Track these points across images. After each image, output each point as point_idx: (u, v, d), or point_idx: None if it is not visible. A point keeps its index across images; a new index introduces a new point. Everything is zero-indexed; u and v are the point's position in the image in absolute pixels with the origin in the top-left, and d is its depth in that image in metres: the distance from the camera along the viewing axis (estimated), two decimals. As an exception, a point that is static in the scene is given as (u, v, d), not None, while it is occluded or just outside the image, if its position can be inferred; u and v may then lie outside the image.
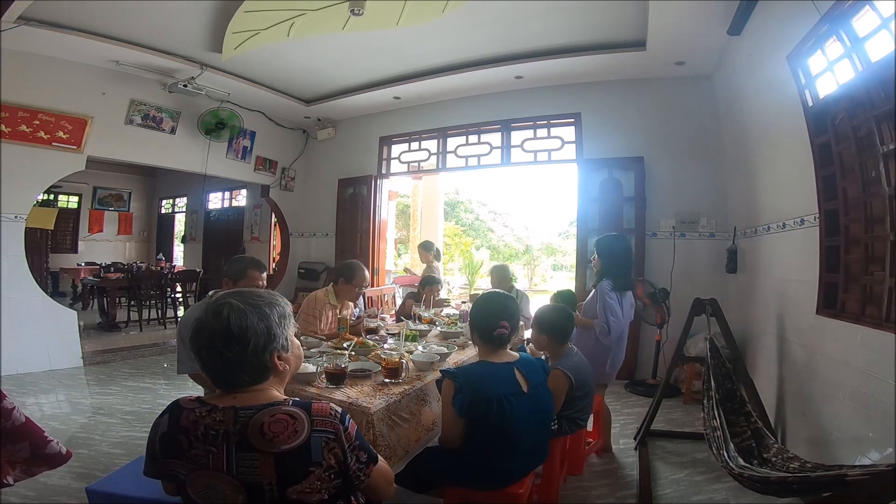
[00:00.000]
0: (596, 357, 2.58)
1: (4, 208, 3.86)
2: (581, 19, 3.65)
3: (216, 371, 0.97)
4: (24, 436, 1.34)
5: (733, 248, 3.77)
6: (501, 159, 5.08)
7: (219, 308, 0.96)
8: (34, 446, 1.35)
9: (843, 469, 1.32)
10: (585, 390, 2.13)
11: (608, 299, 2.57)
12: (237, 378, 0.98)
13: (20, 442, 1.33)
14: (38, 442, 1.37)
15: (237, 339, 0.94)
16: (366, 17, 3.33)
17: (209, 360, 0.96)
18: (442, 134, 5.44)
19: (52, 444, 1.40)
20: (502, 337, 1.69)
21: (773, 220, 2.93)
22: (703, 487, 2.32)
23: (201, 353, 0.96)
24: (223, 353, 0.94)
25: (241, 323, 0.95)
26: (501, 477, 1.61)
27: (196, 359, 0.98)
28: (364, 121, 5.89)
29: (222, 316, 0.95)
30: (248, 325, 0.95)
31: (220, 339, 0.94)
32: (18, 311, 3.87)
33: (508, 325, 1.69)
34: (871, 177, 1.94)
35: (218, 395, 1.00)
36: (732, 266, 3.76)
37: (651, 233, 4.28)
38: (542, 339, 2.18)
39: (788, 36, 2.42)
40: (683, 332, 2.88)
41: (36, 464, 1.37)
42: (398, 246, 10.93)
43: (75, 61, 4.18)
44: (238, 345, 0.94)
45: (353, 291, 2.84)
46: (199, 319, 0.97)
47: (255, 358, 0.97)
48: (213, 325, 0.95)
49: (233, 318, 0.94)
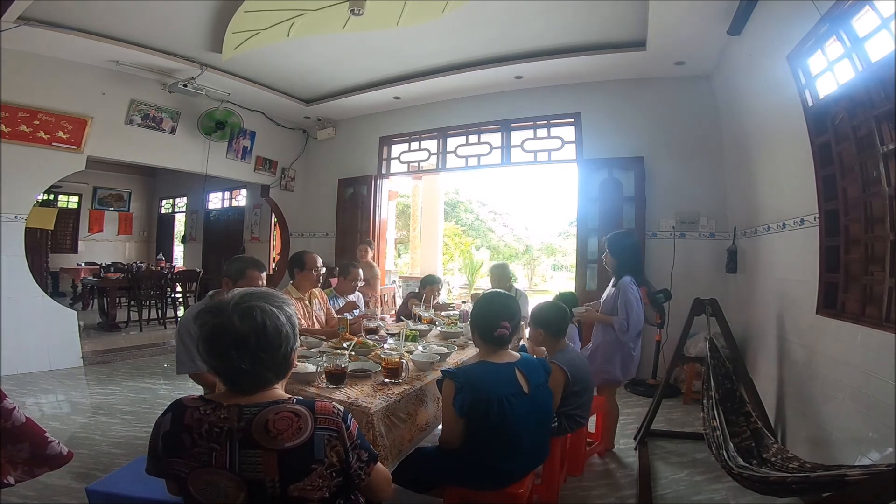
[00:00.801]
0: (611, 354, 2.59)
1: (4, 208, 3.86)
2: (581, 19, 3.65)
3: (243, 373, 0.95)
4: (24, 436, 1.34)
5: (733, 248, 3.77)
6: (501, 159, 5.08)
7: (248, 310, 0.95)
8: (34, 447, 1.35)
9: (842, 469, 1.32)
10: (583, 385, 2.13)
11: (630, 295, 2.55)
12: (264, 378, 0.98)
13: (20, 442, 1.33)
14: (39, 442, 1.37)
15: (272, 341, 0.96)
16: (366, 17, 3.33)
17: (239, 362, 0.93)
18: (442, 134, 5.44)
19: (53, 444, 1.39)
20: (503, 337, 1.69)
21: (773, 220, 2.93)
22: (703, 487, 2.32)
23: (229, 356, 0.93)
24: (258, 354, 0.94)
25: (275, 324, 0.97)
26: (501, 477, 1.61)
27: (217, 362, 0.95)
28: (364, 121, 5.89)
29: (256, 318, 0.95)
30: (279, 326, 0.97)
31: (254, 341, 0.94)
32: (18, 311, 3.87)
33: (509, 326, 1.69)
34: (871, 177, 1.94)
35: (222, 392, 1.00)
36: (732, 266, 3.76)
37: (651, 233, 4.28)
38: (538, 334, 2.19)
39: (788, 36, 2.42)
40: (683, 332, 2.88)
41: (37, 464, 1.37)
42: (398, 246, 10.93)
43: (75, 61, 4.18)
44: (272, 346, 0.96)
45: (312, 277, 2.85)
46: (221, 323, 0.94)
47: (284, 358, 0.99)
48: (243, 327, 0.93)
49: (267, 321, 0.96)
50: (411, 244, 9.49)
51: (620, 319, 2.53)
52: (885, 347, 1.69)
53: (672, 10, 3.15)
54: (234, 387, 0.98)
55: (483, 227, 15.49)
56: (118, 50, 4.01)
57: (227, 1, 3.37)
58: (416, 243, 8.69)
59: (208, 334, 0.95)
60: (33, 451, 1.35)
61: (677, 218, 4.20)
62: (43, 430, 1.39)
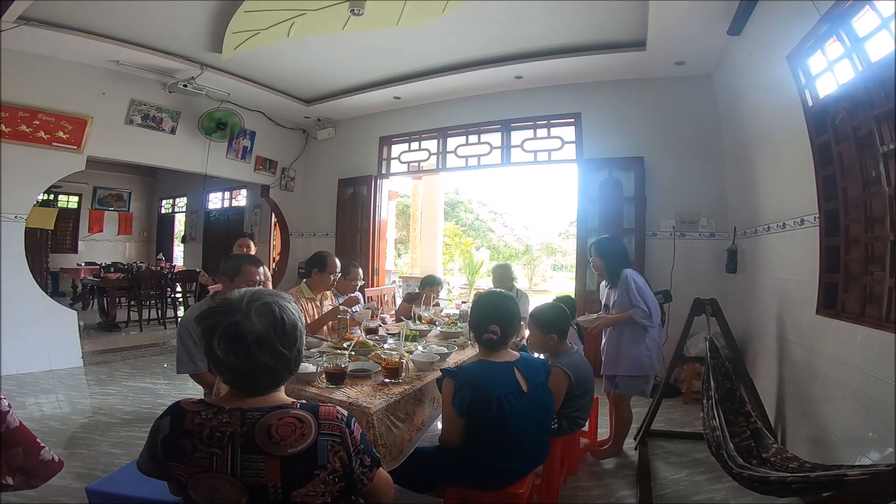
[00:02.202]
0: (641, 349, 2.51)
1: (4, 208, 3.86)
2: (581, 19, 3.65)
3: (261, 371, 0.94)
4: (18, 441, 1.32)
5: (733, 248, 3.77)
6: (501, 159, 5.08)
7: (265, 306, 0.95)
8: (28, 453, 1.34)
9: (842, 469, 1.32)
10: (585, 388, 2.13)
11: (638, 281, 2.51)
12: (279, 376, 0.98)
13: (14, 447, 1.31)
14: (32, 448, 1.35)
15: (289, 337, 0.96)
16: (366, 17, 3.33)
17: (263, 358, 0.92)
18: (442, 134, 5.44)
19: (45, 450, 1.38)
20: (490, 342, 1.68)
21: (773, 220, 2.93)
22: (703, 487, 2.32)
23: (251, 352, 0.91)
24: (279, 350, 0.94)
25: (291, 318, 0.98)
26: (501, 477, 1.61)
27: (238, 360, 0.92)
28: (364, 121, 5.89)
29: (274, 314, 0.95)
30: (295, 321, 0.99)
31: (274, 335, 0.94)
32: (18, 311, 3.87)
33: (499, 331, 1.67)
34: (871, 177, 1.94)
35: (223, 396, 0.99)
36: (732, 266, 3.76)
37: (651, 233, 4.28)
38: (543, 338, 2.16)
39: (788, 36, 2.42)
40: (683, 332, 2.88)
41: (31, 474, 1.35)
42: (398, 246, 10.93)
43: (75, 61, 4.18)
44: (289, 341, 0.96)
45: (329, 280, 2.85)
46: (237, 321, 0.92)
47: (298, 354, 1.00)
48: (260, 323, 0.93)
49: (285, 316, 0.96)
50: (411, 244, 9.49)
51: (639, 308, 2.47)
52: (885, 347, 1.69)
53: (672, 10, 3.15)
54: (243, 388, 0.96)
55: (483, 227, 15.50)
56: (118, 50, 4.01)
57: (227, 1, 3.36)
58: (416, 243, 8.69)
59: (226, 334, 0.92)
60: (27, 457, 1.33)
61: (677, 218, 4.20)
62: (34, 436, 1.37)
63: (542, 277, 13.82)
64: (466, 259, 12.18)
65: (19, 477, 1.33)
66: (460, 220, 15.20)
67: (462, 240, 13.86)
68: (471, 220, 15.59)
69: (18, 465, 1.33)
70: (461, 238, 13.97)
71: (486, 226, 15.60)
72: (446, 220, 12.68)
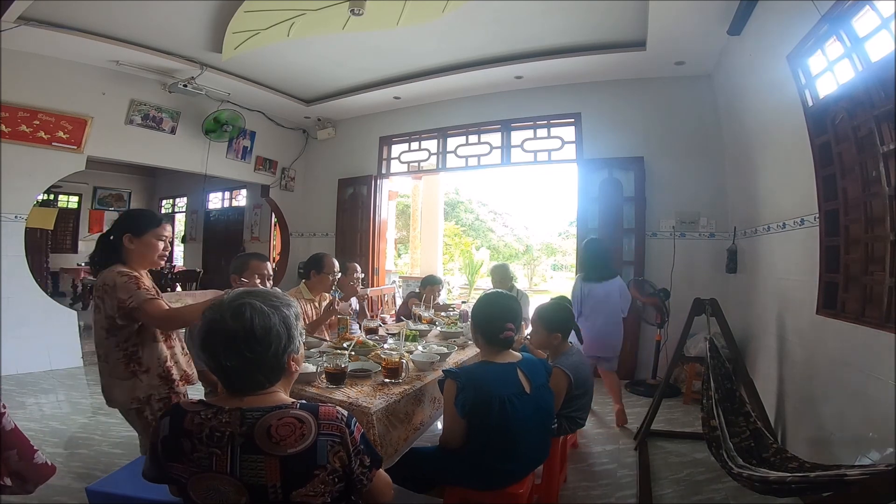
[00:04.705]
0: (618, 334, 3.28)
1: (4, 208, 3.86)
2: (581, 19, 3.65)
3: (232, 372, 0.95)
4: (13, 443, 1.32)
5: (733, 248, 3.77)
6: (501, 159, 5.08)
7: (240, 308, 0.95)
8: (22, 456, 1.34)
9: (842, 469, 1.32)
10: (584, 388, 2.12)
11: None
12: (254, 380, 0.97)
13: (9, 449, 1.31)
14: (26, 452, 1.35)
15: (259, 341, 0.94)
16: (366, 17, 3.33)
17: (227, 360, 0.94)
18: (442, 134, 5.44)
19: (38, 453, 1.38)
20: (508, 339, 1.69)
21: (773, 220, 2.93)
22: (703, 487, 2.32)
23: (218, 353, 0.94)
24: (244, 353, 0.93)
25: (264, 324, 0.95)
26: (502, 477, 1.60)
27: (209, 359, 0.95)
28: (364, 121, 5.89)
29: (245, 316, 0.94)
30: (271, 327, 0.96)
31: (242, 339, 0.93)
32: (18, 311, 3.87)
33: (514, 327, 1.68)
34: (871, 177, 1.94)
35: (222, 396, 0.99)
36: (732, 266, 3.76)
37: (651, 233, 4.28)
38: (548, 336, 2.14)
39: (788, 36, 2.42)
40: (683, 332, 2.88)
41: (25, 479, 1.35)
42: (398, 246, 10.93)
43: (75, 61, 4.18)
44: (260, 346, 0.94)
45: (327, 281, 2.85)
46: (214, 319, 0.95)
47: (274, 359, 0.97)
48: (233, 325, 0.93)
49: (256, 319, 0.94)
50: (411, 244, 9.49)
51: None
52: (885, 347, 1.69)
53: (672, 10, 3.15)
54: (229, 386, 0.98)
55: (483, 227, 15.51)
56: (118, 50, 4.01)
57: (227, 1, 3.36)
58: (416, 243, 8.69)
59: (202, 330, 0.95)
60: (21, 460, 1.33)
61: (677, 218, 4.20)
62: (27, 439, 1.37)
63: (542, 277, 13.83)
64: (466, 259, 12.19)
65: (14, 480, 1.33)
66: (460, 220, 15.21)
67: (462, 240, 13.87)
68: (471, 220, 15.60)
69: (13, 468, 1.32)
70: (461, 238, 13.98)
71: (486, 226, 15.62)
72: (446, 220, 12.69)
